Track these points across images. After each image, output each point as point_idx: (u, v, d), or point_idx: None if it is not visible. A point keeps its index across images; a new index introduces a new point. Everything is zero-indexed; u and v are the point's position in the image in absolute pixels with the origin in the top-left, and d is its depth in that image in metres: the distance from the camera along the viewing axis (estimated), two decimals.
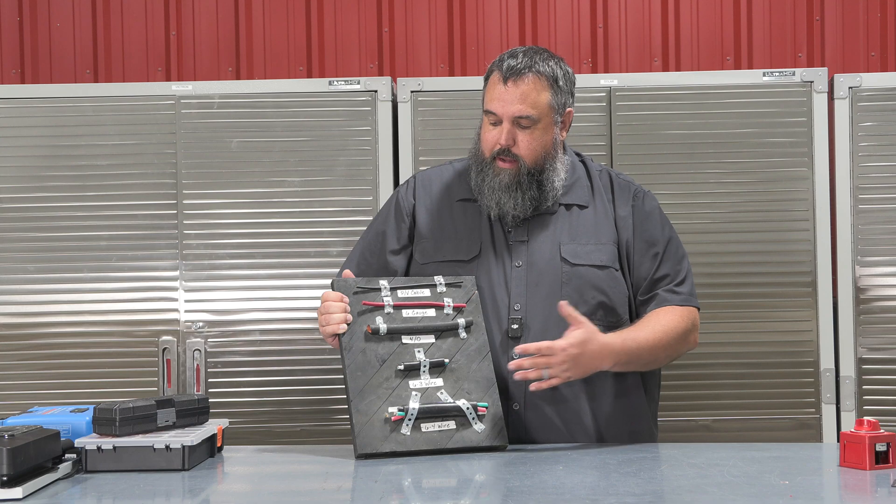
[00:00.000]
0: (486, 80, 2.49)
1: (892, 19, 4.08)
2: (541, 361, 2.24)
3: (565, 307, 2.30)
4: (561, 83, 2.46)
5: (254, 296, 3.45)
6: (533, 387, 2.25)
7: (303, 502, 1.95)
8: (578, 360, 2.27)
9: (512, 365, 2.27)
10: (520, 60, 2.43)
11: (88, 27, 4.15)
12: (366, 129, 3.46)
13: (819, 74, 3.43)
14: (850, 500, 1.87)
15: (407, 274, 2.57)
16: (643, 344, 2.40)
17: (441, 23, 4.14)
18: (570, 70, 2.51)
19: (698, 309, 2.56)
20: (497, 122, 2.44)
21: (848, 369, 3.40)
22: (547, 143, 2.46)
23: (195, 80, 4.09)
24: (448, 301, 2.41)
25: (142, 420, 2.16)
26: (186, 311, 3.44)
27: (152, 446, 2.10)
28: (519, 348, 2.26)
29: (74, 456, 2.10)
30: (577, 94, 2.54)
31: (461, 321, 2.39)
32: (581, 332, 2.28)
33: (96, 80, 4.14)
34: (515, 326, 2.43)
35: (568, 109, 2.51)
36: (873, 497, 1.84)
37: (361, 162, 3.46)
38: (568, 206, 2.53)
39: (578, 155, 2.61)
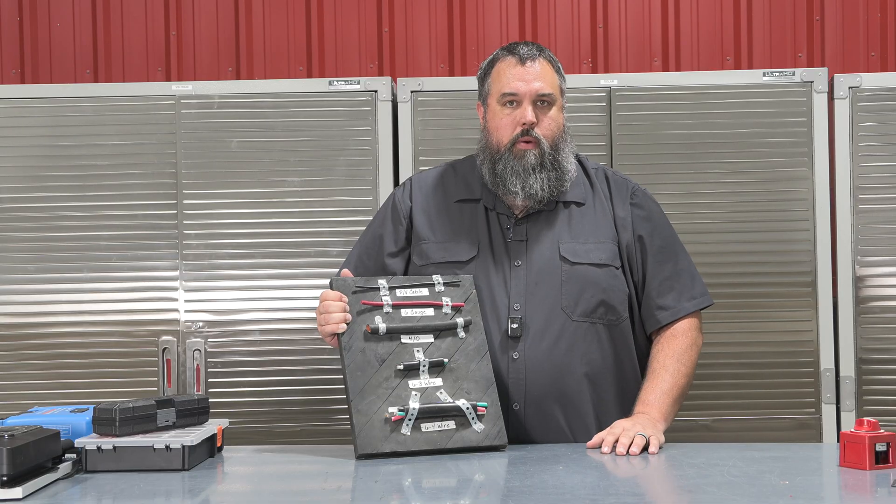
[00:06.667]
0: (490, 70, 2.54)
1: (892, 19, 4.08)
2: (611, 439, 2.25)
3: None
4: (562, 72, 2.55)
5: (254, 296, 3.45)
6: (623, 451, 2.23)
7: (303, 502, 1.94)
8: (635, 426, 2.28)
9: (595, 442, 2.27)
10: (531, 47, 2.51)
11: (88, 27, 4.15)
12: (366, 129, 3.46)
13: (819, 74, 3.43)
14: (850, 500, 1.86)
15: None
16: (674, 388, 2.45)
17: (441, 23, 4.14)
18: None
19: (702, 309, 2.57)
20: (515, 104, 2.47)
21: (848, 369, 3.40)
22: (561, 125, 2.51)
23: (195, 80, 4.09)
24: (446, 300, 2.41)
25: (142, 420, 2.16)
26: (186, 311, 3.44)
27: (152, 446, 2.10)
28: (591, 444, 2.28)
29: (74, 456, 2.10)
30: (577, 95, 2.57)
31: (459, 320, 2.39)
32: (619, 420, 2.33)
33: (96, 80, 4.13)
34: (515, 326, 2.43)
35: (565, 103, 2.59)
36: (873, 497, 1.84)
37: (361, 162, 3.46)
38: (566, 204, 2.54)
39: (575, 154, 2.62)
